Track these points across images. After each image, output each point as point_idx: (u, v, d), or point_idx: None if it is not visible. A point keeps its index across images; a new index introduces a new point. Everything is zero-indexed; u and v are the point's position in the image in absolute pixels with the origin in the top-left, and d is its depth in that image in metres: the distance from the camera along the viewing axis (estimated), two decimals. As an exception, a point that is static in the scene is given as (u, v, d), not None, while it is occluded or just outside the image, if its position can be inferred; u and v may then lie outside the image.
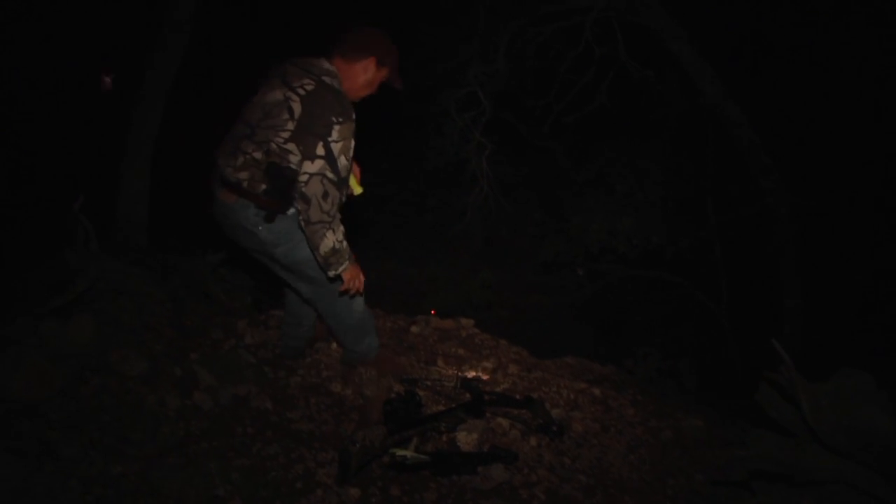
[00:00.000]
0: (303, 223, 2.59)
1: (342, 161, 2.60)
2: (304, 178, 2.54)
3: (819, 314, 7.85)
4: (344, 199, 2.76)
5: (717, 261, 9.33)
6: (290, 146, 2.58)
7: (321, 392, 3.28)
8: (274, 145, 2.59)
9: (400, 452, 2.56)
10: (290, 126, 2.57)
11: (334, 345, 3.74)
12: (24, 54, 8.71)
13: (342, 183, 2.65)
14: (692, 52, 7.20)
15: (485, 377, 3.78)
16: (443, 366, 3.85)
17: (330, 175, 2.56)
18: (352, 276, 2.81)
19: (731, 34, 8.26)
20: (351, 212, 3.05)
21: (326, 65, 2.73)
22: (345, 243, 2.68)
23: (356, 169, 3.12)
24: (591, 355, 4.71)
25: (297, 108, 2.57)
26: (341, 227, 2.66)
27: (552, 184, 11.00)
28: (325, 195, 2.55)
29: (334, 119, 2.54)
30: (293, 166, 2.60)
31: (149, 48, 5.59)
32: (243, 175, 2.63)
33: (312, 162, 2.54)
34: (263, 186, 2.64)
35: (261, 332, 3.76)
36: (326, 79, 2.65)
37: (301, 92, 2.59)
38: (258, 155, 2.61)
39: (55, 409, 2.69)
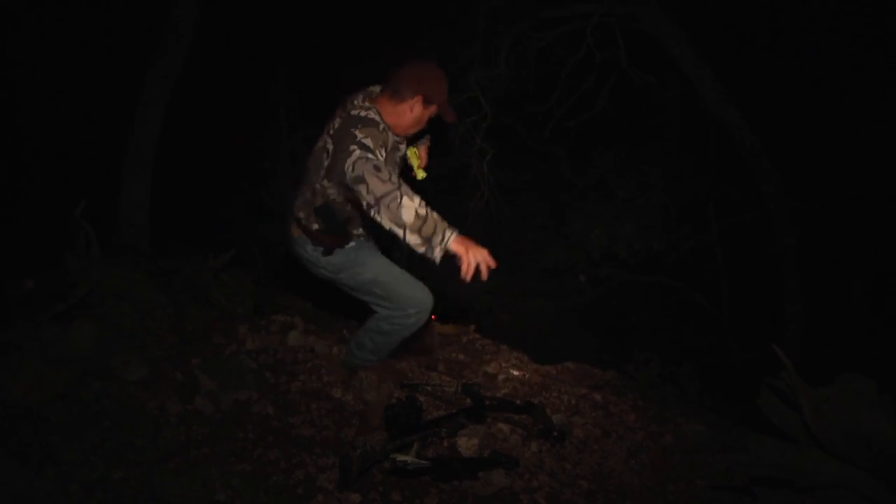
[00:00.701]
0: (372, 210, 2.43)
1: (380, 152, 2.55)
2: (349, 169, 2.50)
3: (820, 319, 7.84)
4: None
5: (719, 266, 9.32)
6: (326, 182, 2.71)
7: (322, 397, 3.28)
8: (318, 186, 2.74)
9: (401, 458, 2.56)
10: (327, 163, 2.68)
11: (335, 349, 3.74)
12: (25, 57, 8.73)
13: (388, 168, 2.53)
14: (693, 57, 7.21)
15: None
16: (443, 371, 3.85)
17: (371, 156, 2.50)
18: (464, 247, 2.38)
19: (732, 39, 8.27)
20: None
21: (359, 100, 2.77)
22: (433, 213, 2.40)
23: (423, 153, 3.10)
24: (592, 360, 4.70)
25: (329, 146, 2.68)
26: (416, 195, 2.43)
27: (553, 189, 11.00)
28: (378, 169, 2.45)
29: (356, 128, 2.58)
30: (334, 202, 2.75)
31: (150, 51, 5.60)
32: (301, 213, 2.85)
33: (350, 156, 2.51)
34: (316, 226, 2.84)
35: (262, 337, 3.76)
36: (354, 112, 2.71)
37: (331, 132, 2.70)
38: (308, 195, 2.80)
39: (56, 414, 2.70)
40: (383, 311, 3.07)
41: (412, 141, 3.09)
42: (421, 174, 3.12)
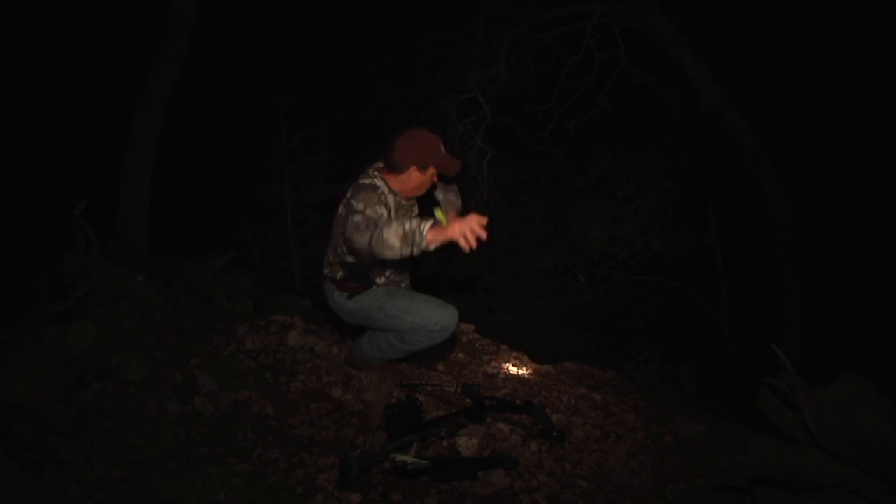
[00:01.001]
0: (375, 256, 2.67)
1: (368, 212, 2.85)
2: (349, 240, 2.80)
3: (820, 320, 7.84)
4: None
5: (718, 266, 9.32)
6: (345, 247, 3.07)
7: (322, 397, 3.28)
8: (340, 249, 3.11)
9: (400, 458, 2.56)
10: (341, 227, 3.01)
11: (334, 349, 3.74)
12: (26, 59, 8.74)
13: (370, 219, 2.81)
14: (693, 58, 7.21)
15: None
16: (443, 371, 3.85)
17: (357, 218, 2.79)
18: (442, 232, 2.52)
19: (732, 40, 8.28)
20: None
21: (371, 170, 3.10)
22: (406, 224, 2.56)
23: (451, 215, 3.14)
24: (591, 361, 4.71)
25: (343, 211, 3.02)
26: (393, 224, 2.60)
27: (553, 189, 11.01)
28: (357, 227, 2.72)
29: (354, 199, 2.91)
30: (353, 259, 3.10)
31: (150, 52, 5.61)
32: (327, 269, 3.27)
33: (347, 228, 2.82)
34: (340, 274, 3.19)
35: (261, 337, 3.76)
36: (360, 181, 3.04)
37: (345, 201, 3.03)
38: (331, 255, 3.22)
39: (56, 415, 2.70)
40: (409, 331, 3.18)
41: (430, 197, 3.40)
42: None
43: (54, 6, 8.64)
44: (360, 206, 2.85)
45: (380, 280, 3.25)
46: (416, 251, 2.58)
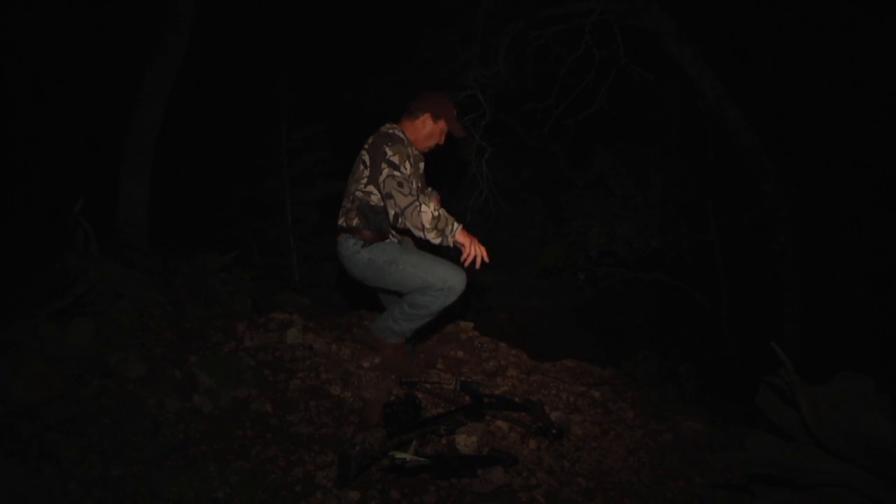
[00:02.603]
0: (398, 218, 3.10)
1: (405, 166, 3.24)
2: (381, 184, 3.19)
3: (819, 317, 7.85)
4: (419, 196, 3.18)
5: (717, 264, 9.33)
6: (370, 188, 3.28)
7: (321, 395, 3.28)
8: (359, 192, 3.31)
9: (399, 455, 2.56)
10: (366, 173, 3.28)
11: (333, 347, 3.75)
12: (25, 57, 8.72)
13: (410, 181, 3.20)
14: (692, 55, 7.21)
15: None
16: (442, 368, 3.85)
17: (397, 174, 3.16)
18: (468, 239, 3.04)
19: (732, 37, 8.28)
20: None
21: (388, 124, 3.43)
22: (443, 211, 3.06)
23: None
24: (590, 358, 4.70)
25: (366, 158, 3.29)
26: (432, 203, 3.09)
27: (552, 187, 11.01)
28: (401, 185, 3.10)
29: (387, 146, 3.23)
30: (375, 202, 3.31)
31: (149, 50, 5.60)
32: (342, 220, 3.40)
33: (381, 173, 3.19)
34: (356, 221, 3.34)
35: (260, 334, 3.76)
36: (383, 129, 3.38)
37: (366, 146, 3.34)
38: (348, 204, 3.38)
39: (55, 412, 2.70)
40: (412, 296, 3.34)
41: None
42: None
43: (54, 4, 8.63)
44: (396, 160, 3.20)
45: (392, 234, 3.48)
46: (439, 240, 3.02)
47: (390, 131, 3.38)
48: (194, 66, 6.27)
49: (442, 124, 3.48)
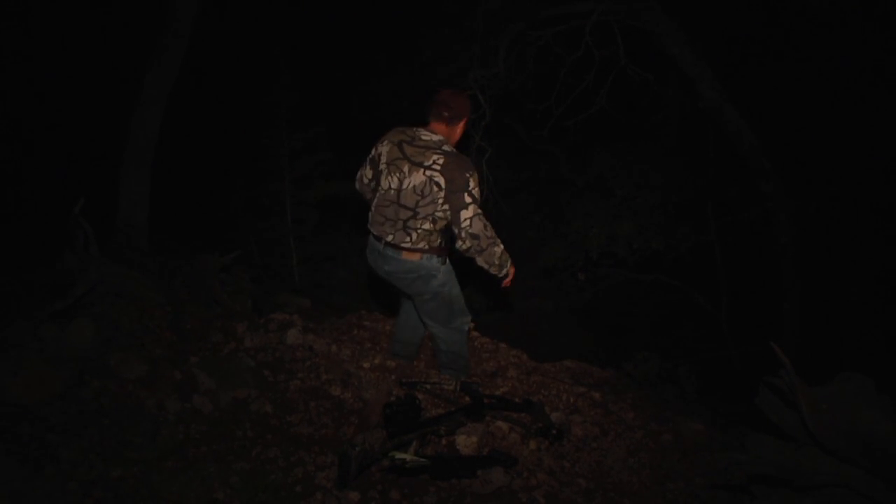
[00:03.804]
0: (477, 252, 3.27)
1: (480, 200, 3.31)
2: (465, 223, 3.19)
3: (819, 317, 7.85)
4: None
5: (717, 264, 9.32)
6: (446, 207, 3.22)
7: (321, 395, 3.28)
8: (439, 213, 3.24)
9: (399, 456, 2.56)
10: (441, 195, 3.19)
11: (333, 347, 3.75)
12: (25, 58, 8.72)
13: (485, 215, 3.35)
14: (692, 56, 7.21)
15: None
16: (442, 369, 3.85)
17: (480, 211, 3.23)
18: (513, 269, 3.47)
19: (731, 38, 8.27)
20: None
21: (438, 137, 3.34)
22: (506, 254, 3.39)
23: None
24: (590, 359, 4.71)
25: (440, 180, 3.18)
26: (502, 245, 3.35)
27: (552, 187, 11.00)
28: (486, 226, 3.23)
29: (468, 175, 3.19)
30: (446, 224, 3.33)
31: (149, 51, 5.60)
32: (422, 244, 3.31)
33: (467, 209, 3.18)
34: (439, 241, 3.37)
35: (261, 335, 3.76)
36: (446, 148, 3.30)
37: (437, 167, 3.19)
38: (427, 226, 3.27)
39: (55, 413, 2.70)
40: (442, 335, 3.64)
41: None
42: None
43: (54, 5, 8.63)
44: (477, 193, 3.24)
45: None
46: (493, 271, 3.37)
47: (454, 151, 3.33)
48: (195, 66, 6.27)
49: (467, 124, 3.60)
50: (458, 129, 3.48)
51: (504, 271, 3.42)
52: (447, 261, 3.47)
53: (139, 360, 3.15)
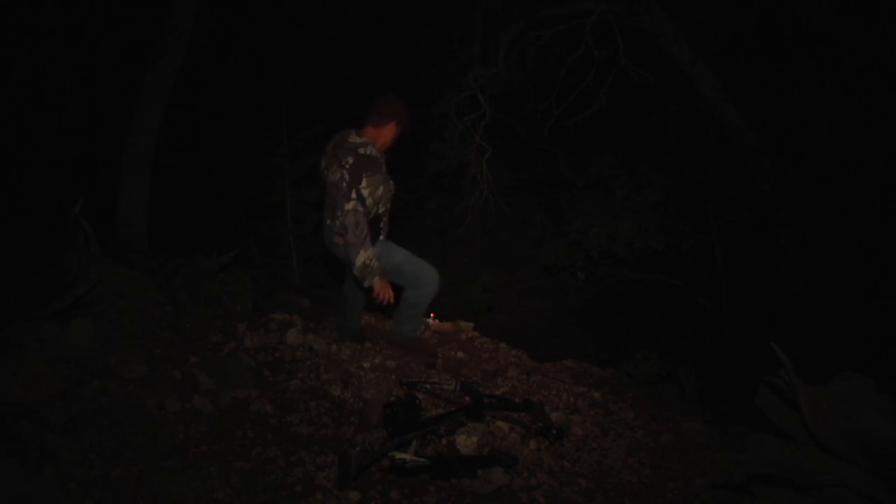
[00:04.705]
0: (346, 245, 3.54)
1: (369, 200, 3.58)
2: (342, 214, 3.53)
3: (819, 317, 7.85)
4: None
5: (717, 264, 9.33)
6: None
7: (321, 395, 3.28)
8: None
9: (399, 456, 2.56)
10: (346, 190, 3.53)
11: (333, 347, 3.75)
12: (25, 58, 8.72)
13: (369, 214, 3.62)
14: (692, 56, 7.21)
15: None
16: (442, 369, 3.85)
17: (360, 210, 3.53)
18: (380, 287, 3.61)
19: (732, 38, 8.27)
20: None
21: (360, 139, 3.66)
22: (374, 262, 3.58)
23: None
24: (590, 359, 4.70)
25: (347, 176, 3.54)
26: (371, 249, 3.58)
27: (552, 187, 11.00)
28: (357, 225, 3.51)
29: (364, 175, 3.54)
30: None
31: (149, 52, 5.60)
32: (342, 229, 3.60)
33: (349, 203, 3.51)
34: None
35: (261, 335, 3.76)
36: (362, 150, 3.61)
37: (347, 166, 3.56)
38: (340, 215, 3.58)
39: (55, 413, 2.70)
40: (409, 290, 3.85)
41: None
42: None
43: (55, 5, 8.63)
44: (366, 193, 3.55)
45: (378, 231, 3.85)
46: (356, 273, 3.58)
47: (368, 152, 3.64)
48: (195, 66, 6.27)
49: (402, 127, 3.80)
50: (387, 131, 3.74)
51: (366, 282, 3.61)
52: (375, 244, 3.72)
53: (139, 360, 3.15)
